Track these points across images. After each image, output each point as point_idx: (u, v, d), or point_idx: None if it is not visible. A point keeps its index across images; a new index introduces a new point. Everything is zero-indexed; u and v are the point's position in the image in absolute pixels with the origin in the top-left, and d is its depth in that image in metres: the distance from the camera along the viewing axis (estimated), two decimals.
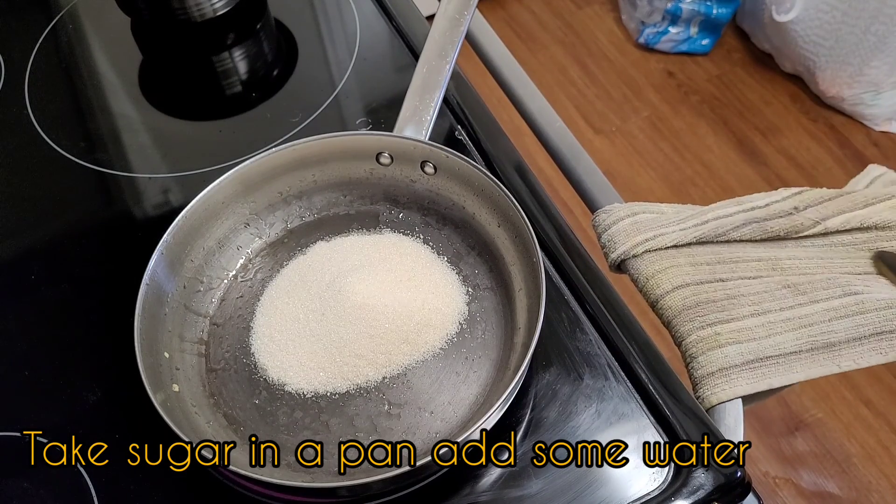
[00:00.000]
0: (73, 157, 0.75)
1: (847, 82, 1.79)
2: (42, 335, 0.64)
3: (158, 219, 0.70)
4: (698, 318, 0.60)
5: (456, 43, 0.69)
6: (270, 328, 0.60)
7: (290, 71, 0.82)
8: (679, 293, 0.62)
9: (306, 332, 0.59)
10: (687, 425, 0.54)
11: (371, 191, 0.66)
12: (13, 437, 0.57)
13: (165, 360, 0.56)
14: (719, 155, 1.84)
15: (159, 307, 0.57)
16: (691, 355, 0.59)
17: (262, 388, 0.57)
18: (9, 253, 0.70)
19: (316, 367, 0.58)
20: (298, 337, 0.59)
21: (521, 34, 2.14)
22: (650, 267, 0.64)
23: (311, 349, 0.59)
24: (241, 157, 0.65)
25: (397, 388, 0.57)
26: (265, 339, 0.59)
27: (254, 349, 0.59)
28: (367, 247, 0.64)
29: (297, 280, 0.62)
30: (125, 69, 0.84)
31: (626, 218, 0.67)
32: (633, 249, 0.65)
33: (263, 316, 0.61)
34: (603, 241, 0.67)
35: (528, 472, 0.53)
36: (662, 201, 0.69)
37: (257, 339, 0.60)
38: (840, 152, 1.81)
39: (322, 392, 0.57)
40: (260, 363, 0.58)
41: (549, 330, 0.53)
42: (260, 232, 0.65)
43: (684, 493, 0.51)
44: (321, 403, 0.56)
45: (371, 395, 0.57)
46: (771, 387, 0.58)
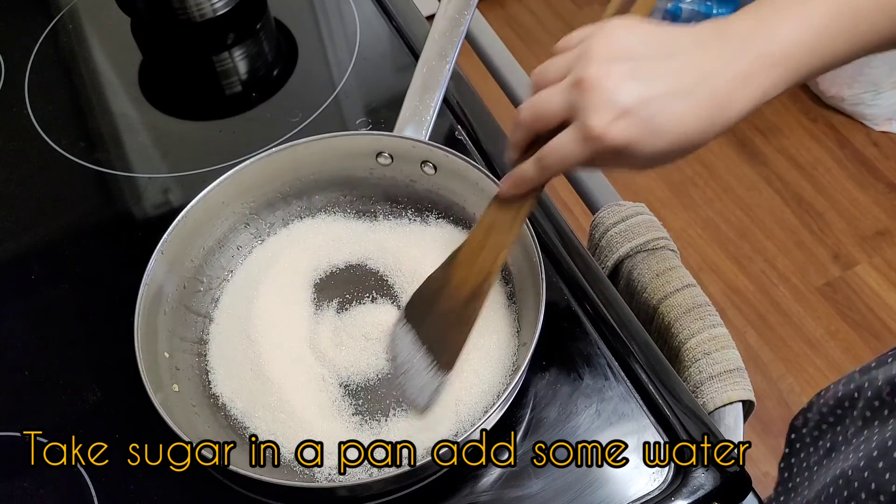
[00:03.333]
0: (73, 157, 0.75)
1: (847, 82, 1.79)
2: (42, 335, 0.64)
3: (158, 219, 0.70)
4: (708, 317, 0.60)
5: (456, 43, 0.69)
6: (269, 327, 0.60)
7: (290, 71, 0.82)
8: (689, 291, 0.62)
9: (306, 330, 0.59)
10: (687, 425, 0.54)
11: (371, 191, 0.66)
12: (13, 437, 0.57)
13: (165, 360, 0.56)
14: (719, 155, 1.84)
15: (159, 307, 0.57)
16: (704, 352, 0.59)
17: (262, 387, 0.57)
18: (9, 253, 0.70)
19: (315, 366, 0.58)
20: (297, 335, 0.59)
21: (521, 34, 2.14)
22: (658, 265, 0.64)
23: (310, 348, 0.59)
24: (241, 157, 0.65)
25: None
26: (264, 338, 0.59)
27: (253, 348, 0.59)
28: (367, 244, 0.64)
29: (295, 277, 0.62)
30: (125, 69, 0.84)
31: (630, 218, 0.67)
32: (638, 248, 0.65)
33: (263, 315, 0.60)
34: (605, 240, 0.67)
35: (528, 472, 0.53)
36: (662, 201, 0.69)
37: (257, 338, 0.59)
38: (840, 152, 1.81)
39: (322, 390, 0.57)
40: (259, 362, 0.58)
41: (549, 330, 0.53)
42: (260, 232, 0.65)
43: (684, 493, 0.51)
44: (322, 400, 0.57)
45: (371, 393, 0.57)
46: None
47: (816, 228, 1.70)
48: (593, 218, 0.70)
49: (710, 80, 0.45)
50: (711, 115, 0.45)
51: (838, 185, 1.76)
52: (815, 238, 1.69)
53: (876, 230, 1.69)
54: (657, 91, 0.44)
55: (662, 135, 0.45)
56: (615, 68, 0.45)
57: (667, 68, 0.45)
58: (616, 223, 0.67)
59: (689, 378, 0.60)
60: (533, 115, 0.49)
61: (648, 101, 0.44)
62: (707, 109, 0.45)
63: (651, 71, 0.45)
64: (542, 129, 0.49)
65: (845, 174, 1.78)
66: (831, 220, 1.71)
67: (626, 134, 0.44)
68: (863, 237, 1.68)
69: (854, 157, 1.80)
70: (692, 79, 0.45)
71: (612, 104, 0.44)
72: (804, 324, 1.57)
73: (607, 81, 0.45)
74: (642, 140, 0.45)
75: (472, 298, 0.54)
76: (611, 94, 0.45)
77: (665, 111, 0.45)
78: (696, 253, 1.68)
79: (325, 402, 0.56)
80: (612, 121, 0.44)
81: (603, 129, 0.44)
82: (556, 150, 0.47)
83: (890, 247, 1.66)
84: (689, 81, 0.45)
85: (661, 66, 0.45)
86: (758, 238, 1.70)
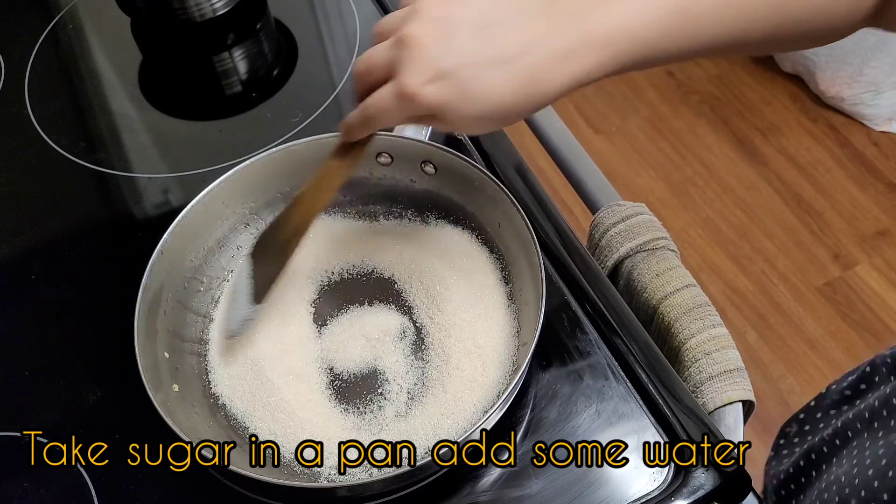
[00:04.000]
0: (73, 157, 0.75)
1: (847, 82, 1.79)
2: (42, 335, 0.64)
3: (158, 219, 0.70)
4: (708, 317, 0.60)
5: None
6: (269, 327, 0.60)
7: (290, 71, 0.82)
8: (689, 291, 0.62)
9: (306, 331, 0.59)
10: (687, 425, 0.54)
11: (371, 191, 0.66)
12: (13, 437, 0.57)
13: (165, 360, 0.56)
14: (719, 155, 1.84)
15: (159, 307, 0.57)
16: (704, 352, 0.59)
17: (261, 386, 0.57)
18: (9, 253, 0.70)
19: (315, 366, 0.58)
20: (297, 335, 0.59)
21: None
22: (658, 265, 0.64)
23: (310, 348, 0.59)
24: (241, 157, 0.65)
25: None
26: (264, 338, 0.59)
27: (253, 348, 0.59)
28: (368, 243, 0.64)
29: (295, 277, 0.62)
30: (125, 69, 0.84)
31: (630, 218, 0.67)
32: (638, 248, 0.65)
33: (263, 315, 0.60)
34: (605, 240, 0.67)
35: (528, 472, 0.53)
36: (663, 201, 0.69)
37: (257, 338, 0.59)
38: (840, 152, 1.81)
39: (322, 390, 0.57)
40: (259, 362, 0.58)
41: (549, 330, 0.53)
42: (260, 232, 0.65)
43: (684, 493, 0.51)
44: (322, 401, 0.57)
45: (371, 393, 0.57)
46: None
47: (816, 228, 1.70)
48: (593, 218, 0.70)
49: (530, 53, 0.44)
50: (526, 87, 0.45)
51: (838, 185, 1.76)
52: (815, 238, 1.69)
53: (876, 230, 1.69)
54: (476, 57, 0.44)
55: (476, 101, 0.45)
56: (439, 29, 0.45)
57: (491, 35, 0.44)
58: (616, 223, 0.67)
59: (689, 378, 0.60)
60: (363, 67, 0.48)
61: (465, 65, 0.44)
62: (522, 81, 0.44)
63: (475, 36, 0.44)
64: (372, 82, 0.48)
65: (845, 174, 1.78)
66: (831, 220, 1.71)
67: (438, 96, 0.44)
68: (863, 237, 1.68)
69: (854, 157, 1.80)
70: (513, 49, 0.44)
71: (429, 65, 0.44)
72: (804, 324, 1.57)
73: (428, 40, 0.45)
74: (455, 104, 0.45)
75: (294, 234, 0.56)
76: (429, 55, 0.44)
77: (480, 78, 0.44)
78: (696, 253, 1.68)
79: (325, 402, 0.56)
80: (426, 82, 0.44)
81: (416, 88, 0.44)
82: (375, 104, 0.47)
83: (890, 247, 1.66)
84: (509, 51, 0.44)
85: (485, 33, 0.44)
86: (758, 238, 1.70)
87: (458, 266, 0.62)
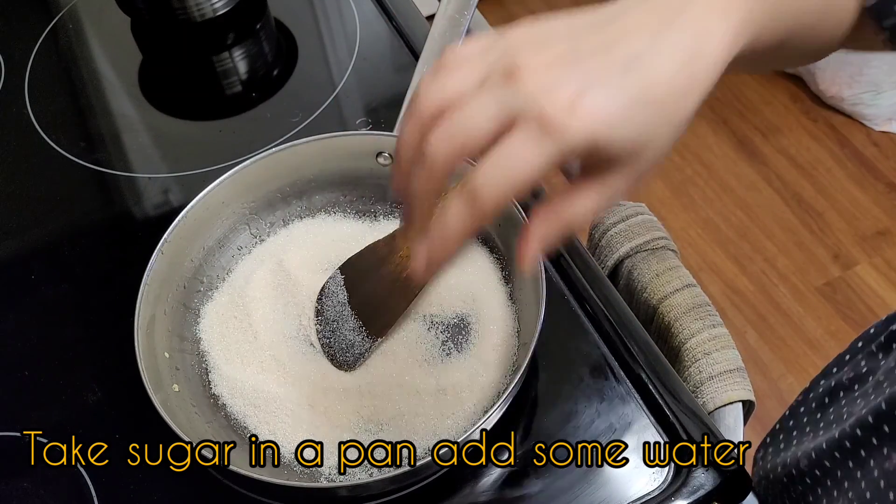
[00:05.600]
0: (73, 157, 0.75)
1: (847, 82, 1.79)
2: (42, 335, 0.64)
3: (158, 219, 0.70)
4: (708, 317, 0.60)
5: (456, 43, 0.69)
6: (270, 327, 0.60)
7: (290, 71, 0.82)
8: (689, 291, 0.62)
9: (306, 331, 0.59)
10: (687, 425, 0.54)
11: (371, 191, 0.66)
12: (13, 437, 0.57)
13: (165, 360, 0.56)
14: (719, 155, 1.84)
15: (159, 307, 0.57)
16: (704, 352, 0.59)
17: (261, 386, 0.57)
18: (9, 253, 0.70)
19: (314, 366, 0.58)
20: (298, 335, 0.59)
21: None
22: (658, 265, 0.64)
23: (311, 348, 0.59)
24: (241, 157, 0.65)
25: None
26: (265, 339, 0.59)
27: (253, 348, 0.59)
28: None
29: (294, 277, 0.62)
30: (125, 69, 0.84)
31: (630, 218, 0.67)
32: (638, 248, 0.65)
33: (262, 314, 0.60)
34: (605, 240, 0.67)
35: (528, 472, 0.53)
36: (663, 201, 0.69)
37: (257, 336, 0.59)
38: (840, 152, 1.81)
39: (322, 389, 0.57)
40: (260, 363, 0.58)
41: (549, 330, 0.52)
42: (260, 232, 0.65)
43: (684, 493, 0.51)
44: (322, 400, 0.56)
45: (371, 393, 0.57)
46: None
47: (816, 228, 1.70)
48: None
49: (669, 30, 0.35)
50: (687, 63, 0.35)
51: (838, 185, 1.76)
52: (815, 238, 1.69)
53: (876, 230, 1.69)
54: (613, 57, 0.35)
55: (640, 97, 0.34)
56: (551, 51, 0.35)
57: (611, 32, 0.35)
58: (616, 223, 0.67)
59: (689, 378, 0.60)
60: (458, 141, 0.36)
61: (609, 63, 0.34)
62: (680, 58, 0.35)
63: (595, 40, 0.35)
64: (469, 156, 0.37)
65: (845, 174, 1.78)
66: (831, 220, 1.71)
67: (593, 109, 0.33)
68: (863, 237, 1.68)
69: (854, 157, 1.80)
70: (645, 36, 0.35)
71: (565, 84, 0.34)
72: (804, 324, 1.57)
73: (547, 58, 0.34)
74: (617, 110, 0.34)
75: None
76: (557, 74, 0.34)
77: (634, 68, 0.34)
78: (696, 253, 1.68)
79: (325, 402, 0.56)
80: (571, 99, 0.33)
81: (564, 113, 0.33)
82: (503, 168, 0.35)
83: (890, 247, 1.66)
84: (642, 41, 0.35)
85: (602, 33, 0.35)
86: (758, 238, 1.70)
87: (458, 266, 0.62)
